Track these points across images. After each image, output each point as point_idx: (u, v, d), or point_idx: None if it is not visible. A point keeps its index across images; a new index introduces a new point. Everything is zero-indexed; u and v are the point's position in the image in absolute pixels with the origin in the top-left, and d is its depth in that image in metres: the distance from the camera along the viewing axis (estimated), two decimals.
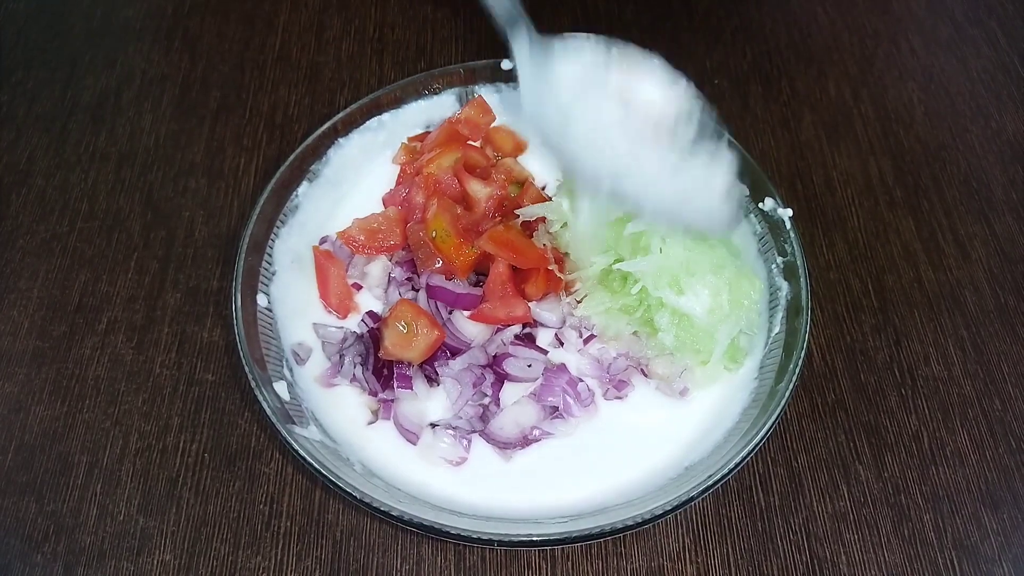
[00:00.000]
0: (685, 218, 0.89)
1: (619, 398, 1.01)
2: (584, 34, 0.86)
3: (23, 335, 1.10)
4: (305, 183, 1.10)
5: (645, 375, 1.02)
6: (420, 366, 1.00)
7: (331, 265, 1.07)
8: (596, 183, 0.89)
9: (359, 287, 1.08)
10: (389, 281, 1.07)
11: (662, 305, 0.98)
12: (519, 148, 1.18)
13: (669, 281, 0.97)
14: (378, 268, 1.08)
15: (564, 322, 1.05)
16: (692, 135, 0.84)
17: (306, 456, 0.86)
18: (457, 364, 1.00)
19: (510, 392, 1.01)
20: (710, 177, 0.87)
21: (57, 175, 1.24)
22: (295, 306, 1.05)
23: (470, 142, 1.17)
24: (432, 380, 1.01)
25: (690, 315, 0.97)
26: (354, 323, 1.06)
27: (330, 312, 1.07)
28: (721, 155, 0.87)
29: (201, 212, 1.21)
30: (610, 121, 0.85)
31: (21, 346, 1.09)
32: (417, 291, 1.05)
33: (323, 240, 1.10)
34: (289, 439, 0.88)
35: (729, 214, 0.89)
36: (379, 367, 1.00)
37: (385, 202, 1.14)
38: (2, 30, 1.41)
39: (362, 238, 1.07)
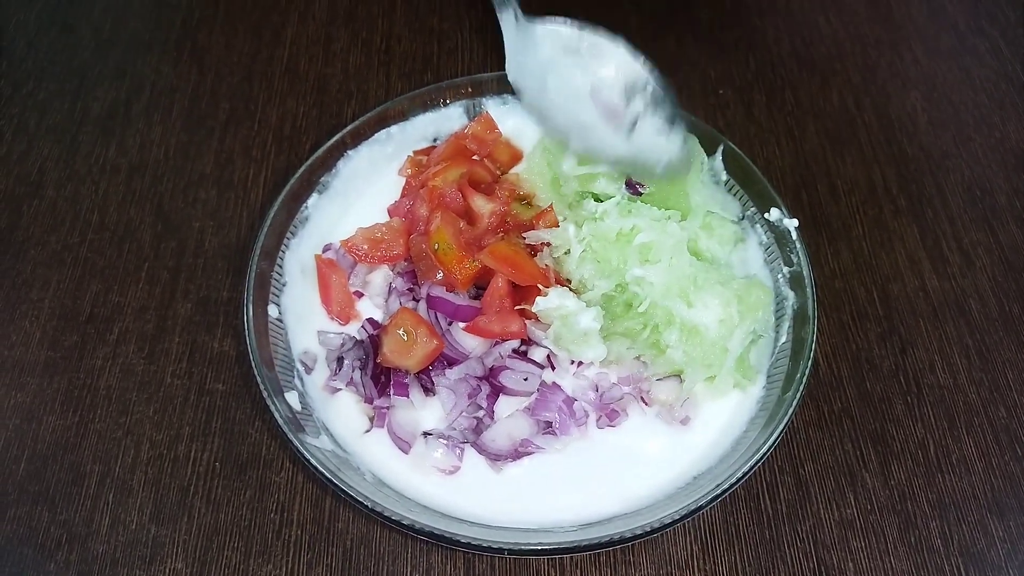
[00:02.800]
0: (640, 168, 1.05)
1: (611, 426, 1.00)
2: (561, 18, 1.03)
3: (35, 345, 1.11)
4: (315, 195, 1.11)
5: (645, 403, 1.01)
6: (417, 375, 1.01)
7: (332, 273, 1.08)
8: (566, 136, 1.07)
9: (360, 295, 1.09)
10: (390, 291, 1.08)
11: (670, 322, 0.98)
12: (516, 158, 1.19)
13: (679, 292, 0.98)
14: (380, 277, 1.09)
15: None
16: (646, 101, 1.01)
17: (318, 466, 0.87)
18: (453, 374, 1.00)
19: (505, 407, 1.01)
20: (660, 137, 1.02)
21: (68, 186, 1.26)
22: (303, 316, 1.06)
23: (475, 158, 1.17)
24: (428, 390, 1.01)
25: (699, 328, 0.97)
26: (355, 329, 1.07)
27: (333, 320, 1.08)
28: (673, 125, 1.02)
29: (211, 223, 1.22)
30: (578, 85, 1.03)
31: (33, 356, 1.10)
32: (417, 301, 1.05)
33: (326, 248, 1.11)
34: (301, 448, 0.88)
35: (680, 162, 1.03)
36: (377, 373, 1.01)
37: (390, 213, 1.15)
38: (13, 42, 1.42)
39: (365, 247, 1.08)
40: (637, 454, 0.98)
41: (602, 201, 1.06)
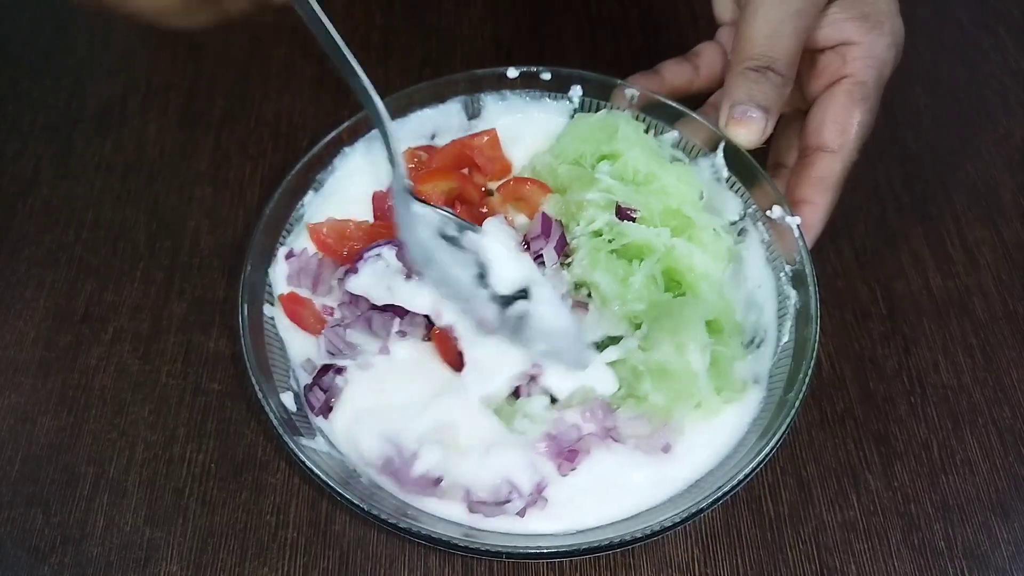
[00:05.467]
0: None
1: (573, 470, 0.90)
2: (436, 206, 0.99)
3: (29, 345, 1.10)
4: (311, 192, 1.10)
5: (615, 440, 0.92)
6: None
7: (299, 308, 1.01)
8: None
9: (331, 311, 1.02)
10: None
11: (639, 374, 0.93)
12: (505, 170, 1.16)
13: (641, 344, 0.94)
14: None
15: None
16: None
17: (313, 468, 0.86)
18: None
19: None
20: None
21: (62, 185, 1.24)
22: None
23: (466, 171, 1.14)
24: None
25: (663, 364, 0.92)
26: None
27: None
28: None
29: (207, 222, 1.21)
30: (458, 275, 0.96)
31: (27, 356, 1.09)
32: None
33: (289, 254, 1.04)
34: (296, 451, 0.87)
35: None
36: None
37: (374, 201, 1.11)
38: (7, 40, 1.41)
39: (330, 241, 1.05)
40: (621, 483, 0.91)
41: None
